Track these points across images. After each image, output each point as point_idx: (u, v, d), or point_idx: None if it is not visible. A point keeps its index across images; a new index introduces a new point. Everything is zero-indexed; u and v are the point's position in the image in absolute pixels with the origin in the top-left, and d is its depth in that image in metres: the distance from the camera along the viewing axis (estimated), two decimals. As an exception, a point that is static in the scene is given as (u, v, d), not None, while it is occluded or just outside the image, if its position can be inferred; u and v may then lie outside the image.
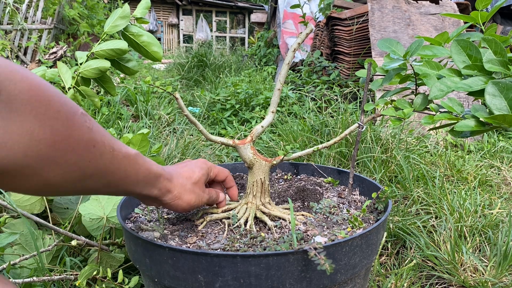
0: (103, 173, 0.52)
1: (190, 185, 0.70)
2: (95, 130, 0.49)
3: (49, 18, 4.90)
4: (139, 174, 0.59)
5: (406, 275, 1.14)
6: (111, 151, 0.52)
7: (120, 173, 0.54)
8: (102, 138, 0.50)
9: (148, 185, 0.62)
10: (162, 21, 13.75)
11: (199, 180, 0.72)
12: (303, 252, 0.58)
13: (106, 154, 0.51)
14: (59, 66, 1.07)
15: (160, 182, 0.64)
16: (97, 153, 0.49)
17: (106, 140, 0.51)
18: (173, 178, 0.67)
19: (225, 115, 3.13)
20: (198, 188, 0.72)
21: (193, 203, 0.70)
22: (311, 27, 0.84)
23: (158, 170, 0.63)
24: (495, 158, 2.22)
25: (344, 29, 3.44)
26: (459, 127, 0.66)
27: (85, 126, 0.47)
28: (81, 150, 0.46)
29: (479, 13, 0.81)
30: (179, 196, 0.67)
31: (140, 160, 0.59)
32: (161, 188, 0.64)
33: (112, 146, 0.52)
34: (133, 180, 0.58)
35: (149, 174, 0.61)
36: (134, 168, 0.57)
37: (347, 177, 1.01)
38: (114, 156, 0.52)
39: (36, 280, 0.89)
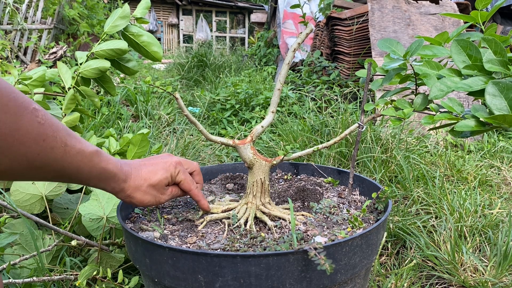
0: (53, 166, 0.55)
1: (145, 187, 0.72)
2: (47, 125, 0.52)
3: (49, 18, 4.90)
4: (92, 172, 0.62)
5: (406, 275, 1.14)
6: (62, 146, 0.55)
7: (72, 167, 0.58)
8: (55, 133, 0.53)
9: (102, 182, 0.66)
10: (162, 21, 13.75)
11: (157, 184, 0.74)
12: (303, 252, 0.58)
13: (57, 148, 0.54)
14: (59, 66, 1.07)
15: (114, 181, 0.68)
16: (47, 147, 0.52)
17: (60, 135, 0.54)
18: (129, 179, 0.70)
19: (225, 115, 3.13)
20: (156, 190, 0.74)
21: (146, 204, 0.73)
22: (311, 27, 0.84)
23: (114, 170, 0.66)
24: (495, 158, 2.22)
25: (344, 29, 3.44)
26: (459, 127, 0.66)
27: (35, 120, 0.50)
28: (29, 143, 0.49)
29: (479, 13, 0.81)
30: (131, 196, 0.71)
31: (96, 159, 0.62)
32: (114, 187, 0.68)
33: (65, 142, 0.55)
34: (86, 176, 0.62)
35: (103, 173, 0.64)
36: (88, 165, 0.61)
37: (347, 177, 1.01)
38: (66, 152, 0.55)
39: (36, 280, 0.89)
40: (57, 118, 1.17)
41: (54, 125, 0.53)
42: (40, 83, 1.14)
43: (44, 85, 1.15)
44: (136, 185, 0.72)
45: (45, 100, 1.14)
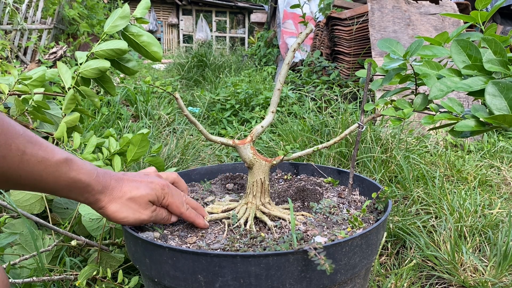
0: (8, 175, 0.52)
1: (125, 200, 0.67)
2: None
3: (49, 18, 4.90)
4: (60, 182, 0.58)
5: (406, 275, 1.14)
6: (19, 155, 0.52)
7: (34, 177, 0.54)
8: (8, 141, 0.50)
9: (72, 193, 0.62)
10: (162, 21, 13.75)
11: (139, 197, 0.68)
12: (303, 252, 0.58)
13: (10, 157, 0.51)
14: (59, 66, 1.07)
15: (87, 192, 0.63)
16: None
17: (17, 143, 0.51)
18: (106, 190, 0.65)
19: (225, 115, 3.13)
20: (137, 204, 0.68)
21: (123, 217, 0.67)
22: (311, 27, 0.84)
23: (86, 180, 0.62)
24: (495, 158, 2.22)
25: (344, 29, 3.44)
26: (459, 127, 0.66)
27: None
28: None
29: (479, 13, 0.81)
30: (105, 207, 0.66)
31: (64, 168, 0.58)
32: (88, 198, 0.64)
33: (23, 150, 0.52)
34: (52, 186, 0.58)
35: (73, 183, 0.60)
36: (53, 175, 0.57)
37: (347, 177, 1.01)
38: (23, 160, 0.52)
39: (36, 280, 0.89)
40: (57, 118, 1.17)
41: (10, 132, 0.51)
42: (40, 83, 1.14)
43: (44, 85, 1.15)
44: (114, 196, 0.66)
45: (45, 100, 1.14)
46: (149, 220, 0.71)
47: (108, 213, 0.67)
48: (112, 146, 1.14)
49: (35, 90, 1.12)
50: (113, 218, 0.67)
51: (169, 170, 1.21)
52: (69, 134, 1.08)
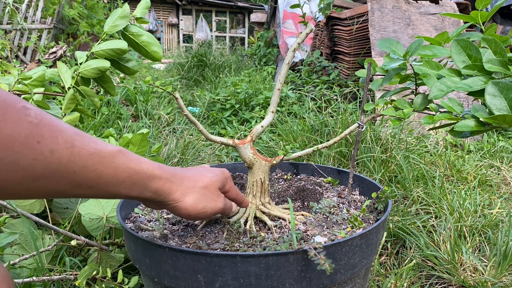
0: (61, 173, 0.45)
1: (198, 188, 0.61)
2: (42, 125, 0.43)
3: (48, 18, 4.90)
4: (119, 174, 0.51)
5: (406, 275, 1.14)
6: (68, 148, 0.45)
7: (87, 172, 0.47)
8: (54, 133, 0.44)
9: (137, 187, 0.54)
10: (162, 21, 13.75)
11: (211, 185, 0.63)
12: (303, 252, 0.58)
13: (59, 151, 0.44)
14: (59, 66, 1.07)
15: (155, 183, 0.55)
16: (45, 150, 0.43)
17: (63, 136, 0.45)
18: (176, 179, 0.58)
19: (225, 115, 3.13)
20: (210, 192, 0.62)
21: (201, 208, 0.61)
22: (311, 27, 0.84)
23: (150, 169, 0.54)
24: (495, 158, 2.22)
25: (344, 29, 3.44)
26: (459, 127, 0.66)
27: (24, 120, 0.41)
28: (18, 146, 0.41)
29: (479, 13, 0.81)
30: (182, 198, 0.58)
31: (121, 159, 0.51)
32: (157, 190, 0.56)
33: (71, 143, 0.46)
34: (111, 181, 0.50)
35: (137, 174, 0.53)
36: (110, 167, 0.50)
37: (347, 177, 1.01)
38: (74, 153, 0.46)
39: (36, 280, 0.89)
40: (57, 118, 1.17)
41: (55, 124, 0.45)
42: (40, 83, 1.14)
43: (44, 85, 1.15)
44: (186, 185, 0.59)
45: (45, 100, 1.14)
46: (223, 208, 0.65)
47: (186, 205, 0.59)
48: (112, 146, 1.13)
49: (35, 90, 1.12)
50: (192, 211, 0.60)
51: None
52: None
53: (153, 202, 0.58)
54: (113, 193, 0.52)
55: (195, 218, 0.62)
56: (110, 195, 0.52)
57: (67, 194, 0.49)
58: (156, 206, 0.61)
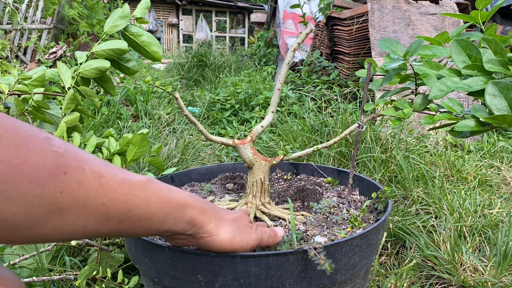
0: (89, 206, 0.42)
1: (231, 221, 0.57)
2: (68, 155, 0.40)
3: (48, 18, 4.90)
4: (151, 204, 0.47)
5: (406, 275, 1.14)
6: (96, 178, 0.42)
7: (117, 204, 0.44)
8: (81, 163, 0.41)
9: (169, 218, 0.49)
10: (162, 21, 13.75)
11: (242, 217, 0.59)
12: (303, 252, 0.58)
13: (87, 182, 0.41)
14: (59, 66, 1.07)
15: (188, 212, 0.51)
16: (72, 181, 0.40)
17: (89, 165, 0.42)
18: (209, 209, 0.54)
19: (225, 115, 3.13)
20: (243, 225, 0.58)
21: (237, 243, 0.56)
22: (311, 27, 0.84)
23: (183, 197, 0.51)
24: (495, 158, 2.22)
25: (344, 29, 3.44)
26: (459, 127, 0.66)
27: (49, 150, 0.39)
28: (43, 179, 0.38)
29: (479, 13, 0.81)
30: (218, 231, 0.54)
31: (151, 187, 0.48)
32: (191, 220, 0.51)
33: (99, 173, 0.43)
34: (142, 212, 0.46)
35: (169, 203, 0.49)
36: (141, 197, 0.46)
37: (347, 177, 1.01)
38: (103, 184, 0.43)
39: (36, 280, 0.89)
40: (57, 118, 1.17)
41: (80, 154, 0.42)
42: (40, 83, 1.14)
43: (44, 85, 1.15)
44: (221, 217, 0.55)
45: (45, 100, 1.14)
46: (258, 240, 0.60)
47: (222, 239, 0.54)
48: (112, 146, 1.14)
49: (35, 90, 1.12)
50: (228, 246, 0.55)
51: (169, 170, 1.22)
52: (69, 134, 1.08)
53: (183, 236, 0.54)
54: (145, 227, 0.48)
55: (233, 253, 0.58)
56: (141, 230, 0.48)
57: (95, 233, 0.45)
58: (185, 242, 0.56)
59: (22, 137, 0.37)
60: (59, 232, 0.41)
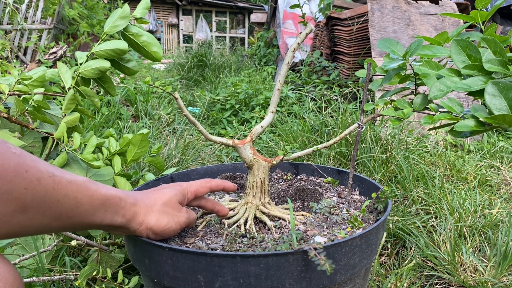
0: (47, 202, 0.46)
1: (159, 206, 0.64)
2: (24, 156, 0.45)
3: (49, 18, 4.90)
4: (94, 201, 0.53)
5: (406, 275, 1.14)
6: (50, 176, 0.47)
7: (69, 201, 0.49)
8: (36, 163, 0.46)
9: (109, 213, 0.56)
10: (162, 21, 13.75)
11: (170, 200, 0.66)
12: (303, 252, 0.58)
13: (44, 179, 0.46)
14: (59, 66, 1.07)
15: (122, 206, 0.58)
16: (33, 178, 0.45)
17: (42, 165, 0.47)
18: (138, 201, 0.61)
19: (225, 115, 3.13)
20: (171, 208, 0.65)
21: (164, 225, 0.63)
22: (311, 27, 0.84)
23: (118, 194, 0.57)
24: (494, 158, 2.22)
25: (344, 29, 3.44)
26: (459, 127, 0.66)
27: (9, 152, 0.43)
28: (10, 176, 0.42)
29: (479, 13, 0.81)
30: (146, 220, 0.62)
31: (92, 186, 0.53)
32: (125, 213, 0.58)
33: (52, 172, 0.47)
34: (88, 208, 0.52)
35: (108, 200, 0.55)
36: (86, 194, 0.52)
37: (347, 177, 1.01)
38: (56, 182, 0.47)
39: (36, 280, 0.89)
40: (57, 118, 1.17)
41: (32, 156, 0.46)
42: (40, 83, 1.14)
43: (44, 85, 1.15)
44: (147, 205, 0.62)
45: (45, 100, 1.14)
46: (186, 222, 0.68)
47: (150, 225, 0.62)
48: (112, 146, 1.14)
49: (35, 90, 1.12)
50: (157, 229, 0.63)
51: (169, 170, 1.22)
52: (69, 134, 1.08)
53: (122, 229, 0.60)
54: (88, 222, 0.54)
55: (161, 237, 0.65)
56: (85, 225, 0.54)
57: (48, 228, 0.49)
58: (125, 233, 0.63)
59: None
60: (22, 227, 0.45)
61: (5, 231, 0.44)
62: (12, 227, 0.44)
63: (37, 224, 0.47)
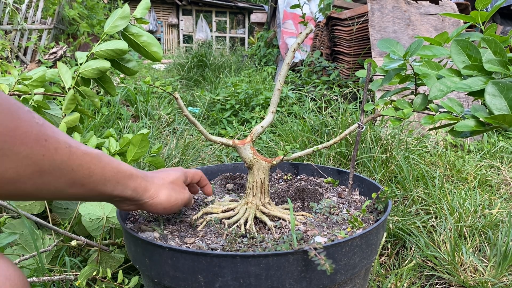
0: (62, 170, 0.51)
1: (167, 183, 0.70)
2: (46, 126, 0.49)
3: (49, 18, 4.90)
4: (106, 172, 0.57)
5: (406, 275, 1.14)
6: (67, 147, 0.51)
7: (82, 170, 0.53)
8: (55, 134, 0.50)
9: (120, 185, 0.60)
10: (162, 21, 13.75)
11: (176, 179, 0.72)
12: (303, 252, 0.58)
13: (61, 149, 0.50)
14: (59, 66, 1.07)
15: (134, 180, 0.62)
16: (51, 147, 0.49)
17: (61, 137, 0.51)
18: (148, 177, 0.66)
19: (225, 115, 3.13)
20: (178, 186, 0.72)
21: (174, 201, 0.69)
22: (311, 27, 0.84)
23: (129, 169, 0.62)
24: (495, 158, 2.22)
25: (344, 29, 3.44)
26: (459, 127, 0.66)
27: (33, 121, 0.47)
28: (31, 143, 0.46)
29: (479, 13, 0.81)
30: (157, 194, 0.66)
31: (105, 159, 0.58)
32: (136, 187, 0.63)
33: (68, 143, 0.52)
34: (100, 178, 0.56)
35: (119, 173, 0.60)
36: (99, 166, 0.56)
37: (347, 177, 1.01)
38: (72, 152, 0.52)
39: (36, 280, 0.89)
40: (57, 118, 1.17)
41: (53, 127, 0.51)
42: (40, 84, 1.14)
43: (44, 86, 1.15)
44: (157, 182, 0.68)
45: (45, 100, 1.14)
46: (189, 199, 0.74)
47: (161, 200, 0.67)
48: (112, 146, 1.14)
49: (35, 90, 1.12)
50: (167, 204, 0.68)
51: (169, 170, 1.21)
52: (69, 134, 1.08)
53: (131, 201, 0.64)
54: (100, 191, 0.58)
55: (169, 211, 0.70)
56: (97, 193, 0.58)
57: (62, 194, 0.54)
58: (133, 207, 0.67)
59: (14, 107, 0.45)
60: (37, 189, 0.49)
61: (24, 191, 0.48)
62: (30, 188, 0.48)
63: (52, 188, 0.51)
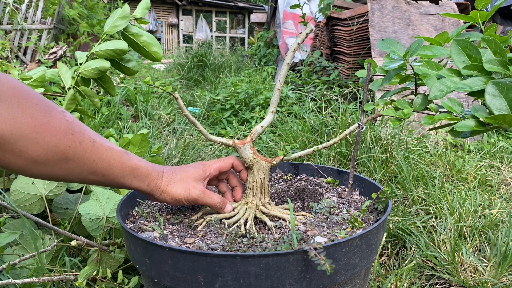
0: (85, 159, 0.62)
1: (178, 178, 0.75)
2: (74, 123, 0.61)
3: (49, 18, 4.90)
4: (125, 167, 0.67)
5: (406, 275, 1.14)
6: (91, 142, 0.62)
7: (103, 163, 0.64)
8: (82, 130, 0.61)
9: (136, 180, 0.70)
10: (162, 21, 13.75)
11: (191, 175, 0.76)
12: (303, 252, 0.58)
13: (85, 143, 0.61)
14: (59, 66, 1.07)
15: (148, 177, 0.71)
16: (76, 140, 0.60)
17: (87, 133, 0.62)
18: (162, 174, 0.74)
19: (225, 115, 3.13)
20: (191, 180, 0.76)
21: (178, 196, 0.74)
22: (311, 27, 0.84)
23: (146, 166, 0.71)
24: (495, 158, 2.22)
25: (344, 29, 3.44)
26: (459, 127, 0.66)
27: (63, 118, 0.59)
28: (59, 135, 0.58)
29: (479, 13, 0.81)
30: (165, 190, 0.74)
31: (125, 155, 0.68)
32: (149, 183, 0.72)
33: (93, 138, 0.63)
34: (118, 172, 0.66)
35: (136, 169, 0.69)
36: (119, 161, 0.66)
37: (347, 177, 1.01)
38: (95, 147, 0.63)
39: (36, 281, 0.89)
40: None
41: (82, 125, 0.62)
42: (40, 83, 1.14)
43: (44, 85, 1.15)
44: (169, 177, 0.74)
45: (45, 100, 1.14)
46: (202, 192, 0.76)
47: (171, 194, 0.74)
48: (112, 146, 1.13)
49: (35, 90, 1.11)
50: (173, 196, 0.75)
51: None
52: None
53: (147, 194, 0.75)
54: (119, 182, 0.69)
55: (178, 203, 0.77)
56: (117, 184, 0.69)
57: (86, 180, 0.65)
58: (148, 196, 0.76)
59: (48, 107, 0.58)
60: (64, 172, 0.61)
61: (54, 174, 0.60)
62: (58, 171, 0.60)
63: (76, 174, 0.62)
